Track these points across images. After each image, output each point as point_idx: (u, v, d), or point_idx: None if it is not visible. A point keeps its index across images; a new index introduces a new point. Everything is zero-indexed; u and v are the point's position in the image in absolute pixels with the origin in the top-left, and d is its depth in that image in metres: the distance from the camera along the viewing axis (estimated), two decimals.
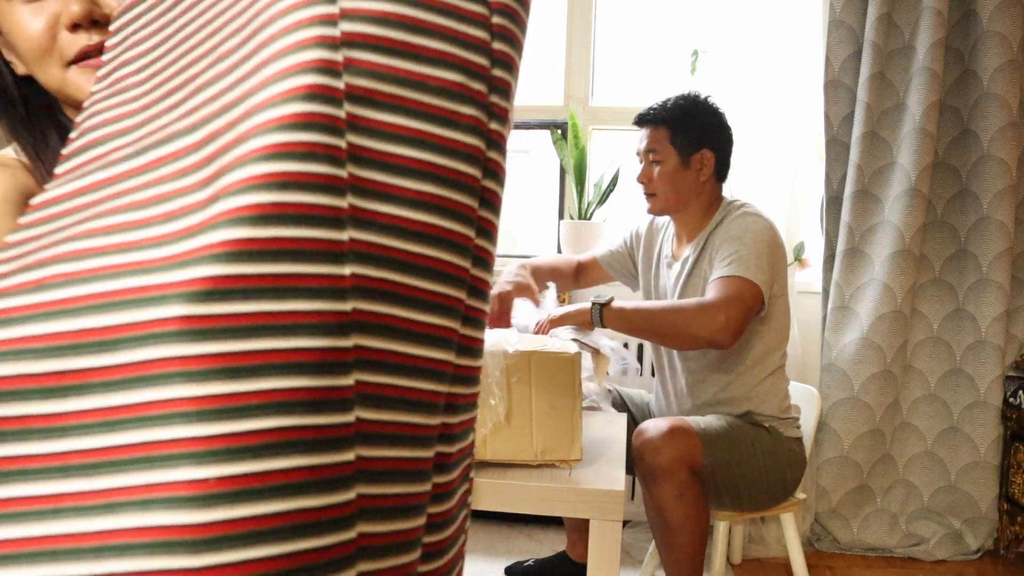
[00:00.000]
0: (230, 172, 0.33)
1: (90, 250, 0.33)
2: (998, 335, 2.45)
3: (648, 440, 1.65)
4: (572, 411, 1.20)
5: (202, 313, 0.31)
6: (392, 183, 0.36)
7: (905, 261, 2.43)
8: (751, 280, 1.69)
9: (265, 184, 0.32)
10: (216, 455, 0.30)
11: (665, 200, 1.87)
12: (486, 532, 2.59)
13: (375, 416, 0.35)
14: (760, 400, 1.83)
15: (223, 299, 0.31)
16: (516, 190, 3.17)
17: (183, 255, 0.32)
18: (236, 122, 0.34)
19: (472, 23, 0.38)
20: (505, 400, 1.18)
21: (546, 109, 2.95)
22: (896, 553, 2.53)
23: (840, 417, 2.49)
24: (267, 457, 0.31)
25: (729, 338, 1.63)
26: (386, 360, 0.35)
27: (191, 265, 0.31)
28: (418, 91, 0.37)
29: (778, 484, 1.79)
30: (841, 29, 2.46)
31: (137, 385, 0.31)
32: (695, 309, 1.66)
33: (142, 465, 0.31)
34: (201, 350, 0.31)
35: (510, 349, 1.20)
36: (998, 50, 2.37)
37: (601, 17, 2.95)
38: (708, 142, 1.85)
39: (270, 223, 0.32)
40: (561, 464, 1.21)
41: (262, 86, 0.34)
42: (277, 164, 0.32)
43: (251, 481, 0.31)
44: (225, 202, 0.32)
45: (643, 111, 1.90)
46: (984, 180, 2.44)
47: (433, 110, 0.37)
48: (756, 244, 1.74)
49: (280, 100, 0.33)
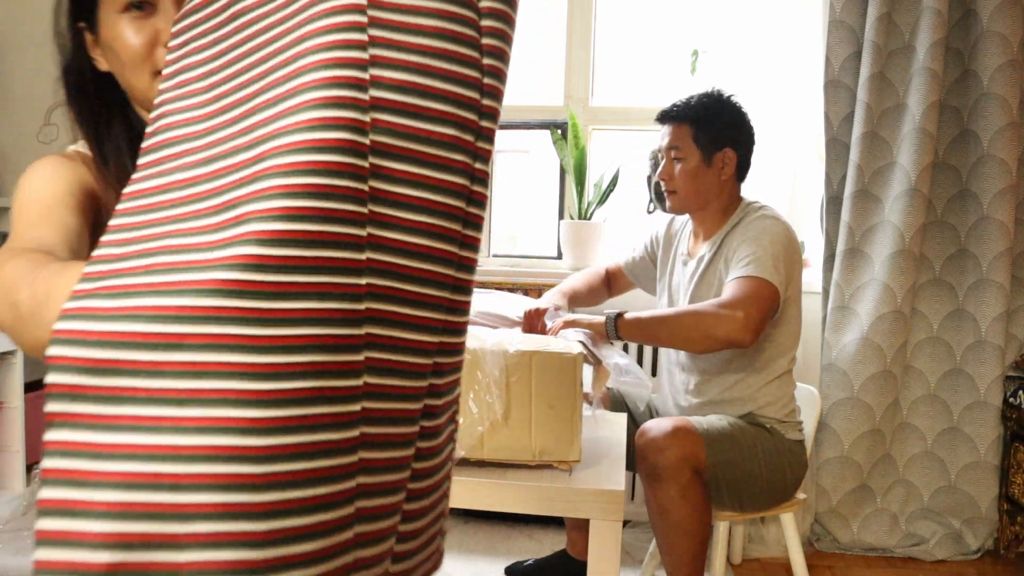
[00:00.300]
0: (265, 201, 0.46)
1: (184, 246, 0.46)
2: (998, 335, 2.45)
3: (652, 440, 1.65)
4: (572, 412, 1.20)
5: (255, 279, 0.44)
6: (399, 216, 0.49)
7: (905, 261, 2.43)
8: (768, 280, 1.69)
9: (307, 216, 0.45)
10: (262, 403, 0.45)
11: (685, 198, 1.87)
12: (486, 532, 2.59)
13: (379, 355, 0.50)
14: (765, 402, 1.83)
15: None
16: (516, 190, 3.17)
17: (232, 238, 0.45)
18: (275, 152, 0.46)
19: (467, 86, 0.50)
20: (503, 399, 1.18)
21: (546, 109, 2.95)
22: (896, 553, 2.53)
23: (840, 417, 2.49)
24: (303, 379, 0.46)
25: (750, 336, 1.62)
26: (390, 318, 0.50)
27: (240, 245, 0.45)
28: (423, 144, 0.49)
29: (779, 485, 1.79)
30: (841, 29, 2.46)
31: (215, 350, 0.44)
32: (713, 310, 1.65)
33: (218, 404, 0.44)
34: (250, 304, 0.44)
35: (511, 349, 1.20)
36: (998, 50, 2.37)
37: (601, 17, 2.95)
38: (731, 141, 1.85)
39: (308, 246, 0.45)
40: (560, 465, 1.21)
41: (304, 127, 0.45)
42: (314, 202, 0.45)
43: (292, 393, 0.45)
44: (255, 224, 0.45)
45: (666, 108, 1.89)
46: (984, 180, 2.44)
47: (432, 158, 0.49)
48: (773, 246, 1.73)
49: (320, 147, 0.45)
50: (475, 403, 1.18)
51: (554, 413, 1.19)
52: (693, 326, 1.65)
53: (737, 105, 1.88)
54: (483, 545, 2.48)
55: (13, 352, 2.60)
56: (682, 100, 1.87)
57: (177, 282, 0.44)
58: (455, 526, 2.62)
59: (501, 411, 1.18)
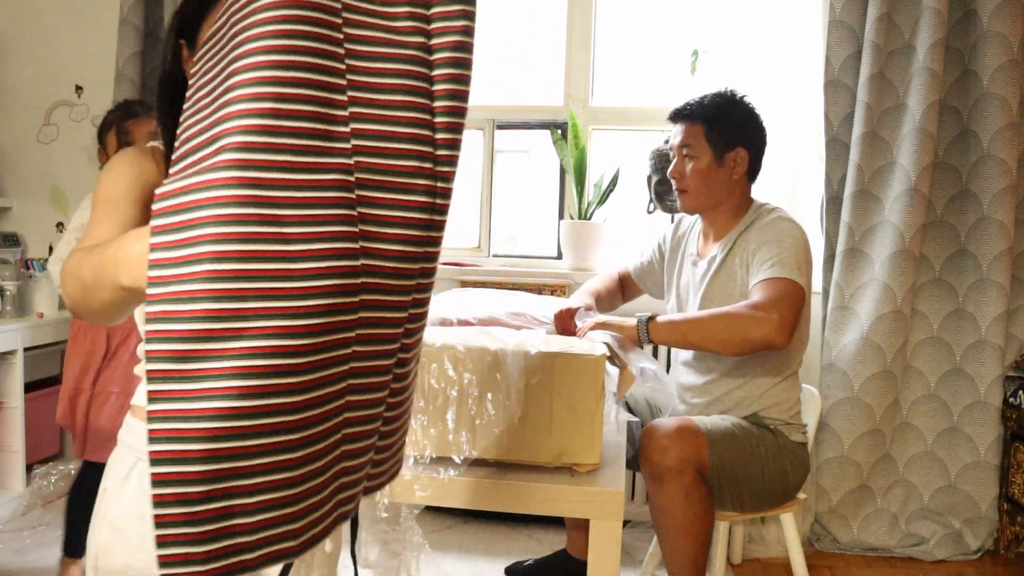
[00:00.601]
0: None
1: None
2: (998, 335, 2.45)
3: (656, 440, 1.65)
4: (593, 414, 1.19)
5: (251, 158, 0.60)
6: (383, 232, 0.69)
7: (905, 261, 2.43)
8: (796, 281, 1.68)
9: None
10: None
11: (696, 197, 1.86)
12: (486, 532, 2.59)
13: (374, 245, 0.68)
14: (771, 403, 1.82)
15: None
16: (516, 190, 3.17)
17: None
18: None
19: (423, 143, 0.70)
20: (521, 401, 1.18)
21: (546, 109, 2.95)
22: (896, 553, 2.53)
23: (840, 417, 2.49)
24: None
25: (785, 338, 1.61)
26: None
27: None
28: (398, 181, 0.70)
29: (780, 486, 1.79)
30: (841, 29, 2.46)
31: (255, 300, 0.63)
32: (748, 312, 1.64)
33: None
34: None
35: (532, 350, 1.19)
36: (998, 50, 2.37)
37: (601, 17, 2.95)
38: (743, 141, 1.84)
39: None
40: (578, 468, 1.20)
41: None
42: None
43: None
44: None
45: (679, 106, 1.89)
46: (984, 180, 2.44)
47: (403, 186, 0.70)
48: (795, 248, 1.73)
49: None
50: (493, 405, 1.18)
51: (575, 415, 1.19)
52: (728, 328, 1.63)
53: (750, 105, 1.88)
54: (483, 545, 2.48)
55: (13, 352, 2.60)
56: (695, 99, 1.87)
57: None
58: (455, 526, 2.62)
59: (519, 413, 1.18)
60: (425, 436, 1.19)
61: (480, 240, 3.02)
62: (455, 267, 2.82)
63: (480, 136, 2.99)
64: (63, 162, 3.06)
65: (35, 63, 3.05)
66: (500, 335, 1.29)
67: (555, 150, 2.88)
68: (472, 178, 3.01)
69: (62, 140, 3.06)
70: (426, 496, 1.17)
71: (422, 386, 1.19)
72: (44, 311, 2.81)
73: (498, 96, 3.00)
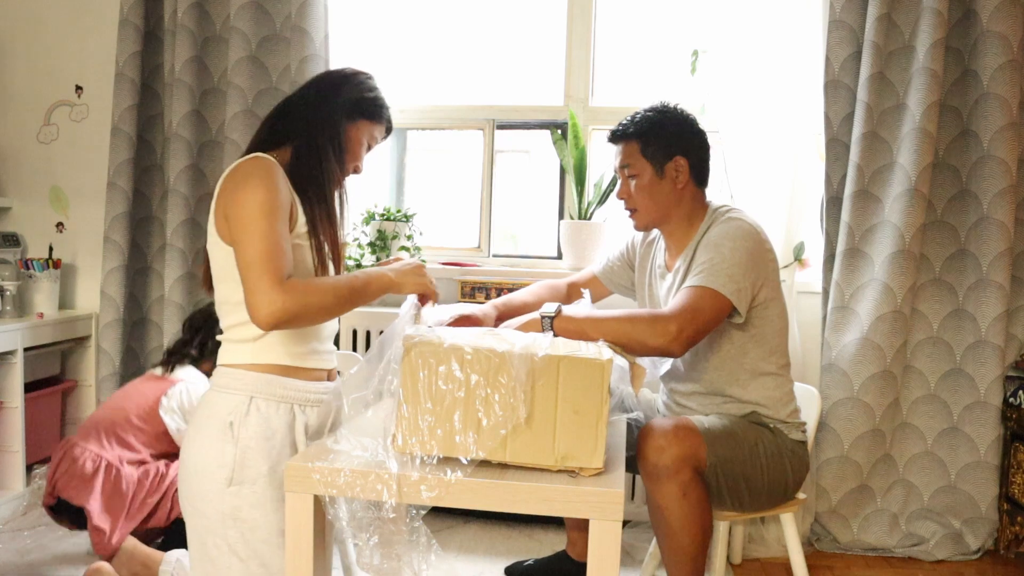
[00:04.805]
0: None
1: None
2: (998, 335, 2.45)
3: (653, 439, 1.65)
4: (597, 418, 1.18)
5: None
6: None
7: (905, 261, 2.43)
8: (716, 290, 1.68)
9: None
10: None
11: (647, 213, 1.88)
12: (486, 532, 2.59)
13: None
14: (760, 398, 1.82)
15: None
16: (516, 190, 3.17)
17: None
18: None
19: None
20: (527, 403, 1.18)
21: (546, 109, 2.96)
22: (896, 553, 2.53)
23: (840, 417, 2.49)
24: None
25: (680, 348, 1.64)
26: None
27: None
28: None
29: (780, 485, 1.79)
30: (841, 29, 2.46)
31: None
32: (648, 320, 1.65)
33: None
34: None
35: (539, 353, 1.19)
36: (998, 50, 2.37)
37: (601, 17, 2.95)
38: (679, 148, 1.85)
39: None
40: (582, 471, 1.20)
41: None
42: None
43: None
44: None
45: (614, 128, 1.91)
46: (984, 180, 2.44)
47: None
48: (733, 253, 1.72)
49: None
50: (500, 406, 1.18)
51: (579, 418, 1.18)
52: (628, 332, 1.62)
53: (682, 113, 1.89)
54: (483, 545, 2.48)
55: (13, 352, 2.60)
56: (628, 118, 1.89)
57: None
58: (455, 526, 2.63)
59: (524, 414, 1.18)
60: (432, 437, 1.19)
61: (480, 240, 3.02)
62: (455, 267, 2.82)
63: (480, 136, 2.99)
64: (63, 162, 3.06)
65: (35, 63, 3.05)
66: (507, 337, 1.29)
67: (555, 150, 2.88)
68: (472, 178, 3.01)
69: (62, 140, 3.06)
70: (432, 497, 1.17)
71: (429, 387, 1.19)
72: (44, 311, 2.81)
73: (498, 96, 3.01)
